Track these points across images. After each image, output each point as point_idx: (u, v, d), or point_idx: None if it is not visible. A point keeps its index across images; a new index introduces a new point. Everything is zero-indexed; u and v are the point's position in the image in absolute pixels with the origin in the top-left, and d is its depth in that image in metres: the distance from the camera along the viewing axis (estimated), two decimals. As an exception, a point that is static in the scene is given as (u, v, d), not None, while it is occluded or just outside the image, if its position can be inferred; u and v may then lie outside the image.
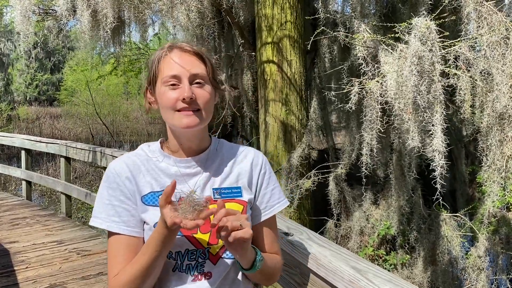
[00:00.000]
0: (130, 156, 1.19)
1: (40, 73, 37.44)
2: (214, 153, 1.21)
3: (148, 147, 1.22)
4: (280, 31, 4.12)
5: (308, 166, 4.29)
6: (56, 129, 22.67)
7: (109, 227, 1.11)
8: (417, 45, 2.28)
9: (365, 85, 2.62)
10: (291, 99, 4.15)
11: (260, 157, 1.26)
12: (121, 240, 1.11)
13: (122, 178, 1.14)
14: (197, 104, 1.10)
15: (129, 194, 1.13)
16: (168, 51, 1.13)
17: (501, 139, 2.43)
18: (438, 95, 2.36)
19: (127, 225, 1.12)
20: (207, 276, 1.12)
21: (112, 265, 1.11)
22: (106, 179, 1.15)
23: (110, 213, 1.12)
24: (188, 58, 1.12)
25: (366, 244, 4.20)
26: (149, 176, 1.15)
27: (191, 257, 1.12)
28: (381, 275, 1.19)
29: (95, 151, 5.15)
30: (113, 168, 1.16)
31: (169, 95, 1.09)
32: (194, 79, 1.10)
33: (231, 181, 1.19)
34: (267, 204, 1.25)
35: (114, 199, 1.13)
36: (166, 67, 1.11)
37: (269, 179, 1.26)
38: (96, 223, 1.12)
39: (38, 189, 10.82)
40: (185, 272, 1.11)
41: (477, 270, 3.62)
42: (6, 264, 4.04)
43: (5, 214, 5.89)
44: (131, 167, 1.15)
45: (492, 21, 2.43)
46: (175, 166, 1.16)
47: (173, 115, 1.10)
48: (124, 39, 5.03)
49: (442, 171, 2.44)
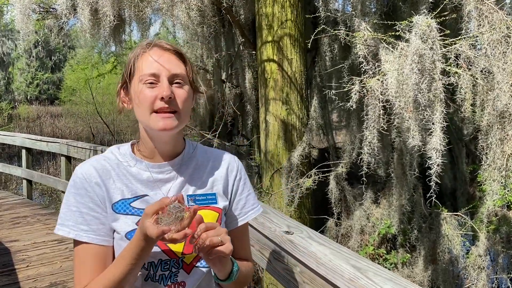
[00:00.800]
0: (99, 160, 1.11)
1: (41, 72, 37.45)
2: (189, 158, 1.16)
3: (118, 150, 1.15)
4: (280, 30, 4.11)
5: (308, 165, 4.29)
6: (56, 128, 22.69)
7: (77, 236, 1.04)
8: (418, 43, 2.28)
9: (366, 83, 2.61)
10: (291, 98, 4.15)
11: (235, 163, 1.22)
12: (89, 250, 1.05)
13: (91, 183, 1.06)
14: (175, 104, 1.04)
15: (98, 201, 1.06)
16: (147, 48, 1.07)
17: (501, 137, 2.42)
18: (438, 93, 2.36)
19: (97, 234, 1.05)
20: (180, 286, 1.09)
21: (79, 275, 1.05)
22: (73, 184, 1.07)
23: (78, 221, 1.05)
24: (168, 56, 1.06)
25: (367, 243, 4.20)
26: (120, 182, 1.08)
27: (164, 267, 1.08)
28: (382, 273, 1.19)
29: (96, 150, 5.15)
30: (80, 173, 1.08)
31: (146, 94, 1.03)
32: (174, 79, 1.05)
33: (206, 188, 1.15)
34: (242, 211, 1.21)
35: (83, 206, 1.05)
36: (145, 65, 1.05)
37: (244, 185, 1.22)
38: (64, 232, 1.05)
39: (39, 188, 10.82)
40: (158, 282, 1.07)
41: (477, 269, 3.62)
42: (7, 262, 4.04)
43: (5, 213, 5.90)
44: (100, 172, 1.08)
45: (493, 19, 2.43)
46: (148, 171, 1.10)
47: (149, 117, 1.04)
48: (124, 37, 5.02)
49: (438, 170, 2.44)
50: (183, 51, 1.11)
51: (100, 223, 1.06)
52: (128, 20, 4.67)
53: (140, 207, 1.08)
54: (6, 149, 16.84)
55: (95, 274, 1.03)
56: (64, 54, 38.47)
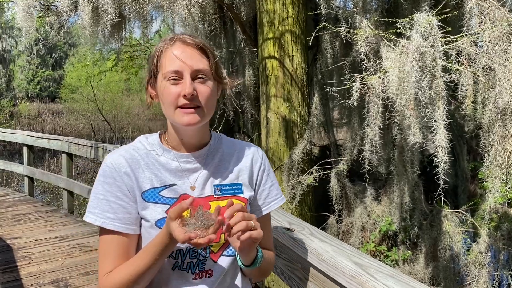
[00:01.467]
0: (128, 150, 1.13)
1: (42, 69, 37.45)
2: (214, 149, 1.18)
3: (146, 139, 1.17)
4: (281, 27, 4.11)
5: (309, 162, 4.29)
6: (58, 126, 22.71)
7: (103, 224, 1.06)
8: (419, 41, 2.27)
9: (366, 80, 2.61)
10: (292, 95, 4.15)
11: (260, 154, 1.25)
12: (114, 238, 1.07)
13: (120, 173, 1.09)
14: (198, 100, 1.06)
15: (126, 190, 1.08)
16: (169, 43, 1.08)
17: (503, 135, 2.42)
18: (440, 90, 2.35)
19: (123, 222, 1.07)
20: (208, 274, 1.11)
21: (103, 262, 1.07)
22: (102, 173, 1.10)
23: (105, 209, 1.07)
24: (190, 52, 1.07)
25: (368, 240, 4.21)
26: (149, 172, 1.11)
27: (192, 255, 1.10)
28: (383, 270, 1.19)
29: (97, 147, 5.16)
30: (110, 162, 1.10)
31: (170, 91, 1.05)
32: (197, 74, 1.07)
33: (231, 178, 1.17)
34: (265, 201, 1.23)
35: (110, 194, 1.08)
36: (168, 62, 1.06)
37: (268, 176, 1.24)
38: (90, 219, 1.08)
39: (40, 185, 10.85)
40: (185, 270, 1.09)
41: (478, 266, 3.62)
42: (9, 259, 4.06)
43: (7, 210, 5.92)
44: (130, 162, 1.10)
45: (494, 16, 2.42)
46: (176, 161, 1.13)
47: (173, 112, 1.06)
48: (125, 35, 5.02)
49: (445, 167, 2.44)
50: (206, 45, 1.11)
51: (126, 212, 1.08)
52: (129, 17, 4.66)
53: (169, 196, 1.10)
54: (7, 147, 16.87)
55: (119, 262, 1.06)
56: (65, 52, 38.45)
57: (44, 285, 3.51)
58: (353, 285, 1.20)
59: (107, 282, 1.05)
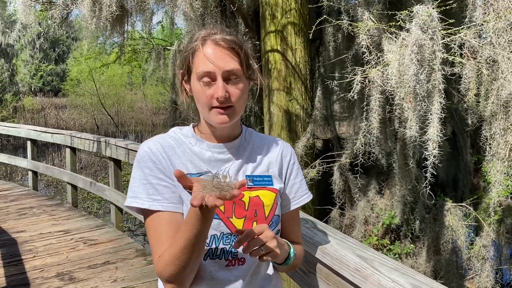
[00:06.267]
0: (163, 137, 1.17)
1: (45, 63, 37.48)
2: (246, 141, 1.21)
3: (180, 130, 1.21)
4: (284, 19, 4.08)
5: (313, 155, 4.28)
6: (61, 120, 22.78)
7: (152, 206, 1.07)
8: (418, 34, 2.25)
9: (368, 73, 2.60)
10: (295, 88, 4.13)
11: (289, 148, 1.27)
12: (163, 218, 1.08)
13: (159, 156, 1.11)
14: (231, 101, 1.09)
15: (166, 172, 1.10)
16: (201, 44, 1.10)
17: (505, 127, 2.40)
18: (437, 84, 2.34)
19: (170, 202, 1.09)
20: (240, 262, 1.13)
21: (156, 245, 1.07)
22: (140, 158, 1.11)
23: (150, 192, 1.08)
24: (221, 53, 1.08)
25: (371, 234, 4.21)
26: (185, 159, 1.13)
27: (226, 241, 1.11)
28: (387, 263, 1.19)
29: (100, 141, 5.17)
30: (147, 147, 1.12)
31: (203, 92, 1.08)
32: (228, 75, 1.08)
33: (262, 169, 1.19)
34: (296, 195, 1.25)
35: (152, 177, 1.09)
36: (200, 63, 1.08)
37: (298, 170, 1.27)
38: (137, 203, 1.07)
39: (44, 179, 10.90)
40: (218, 257, 1.11)
41: (481, 260, 3.62)
42: (14, 253, 4.09)
43: (12, 204, 5.96)
44: (166, 148, 1.13)
45: (498, 7, 2.39)
46: (209, 151, 1.16)
47: (208, 111, 1.10)
48: (127, 28, 5.00)
49: (434, 160, 2.44)
50: (238, 43, 1.11)
51: (171, 192, 1.10)
52: (131, 11, 4.64)
53: None
54: (11, 141, 16.94)
55: (171, 241, 1.04)
56: (67, 46, 38.43)
57: (48, 278, 3.54)
58: (357, 279, 1.20)
59: (160, 263, 1.04)
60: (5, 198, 6.27)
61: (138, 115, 23.83)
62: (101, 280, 3.51)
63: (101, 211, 8.46)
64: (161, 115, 23.52)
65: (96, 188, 5.40)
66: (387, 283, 1.10)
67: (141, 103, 24.92)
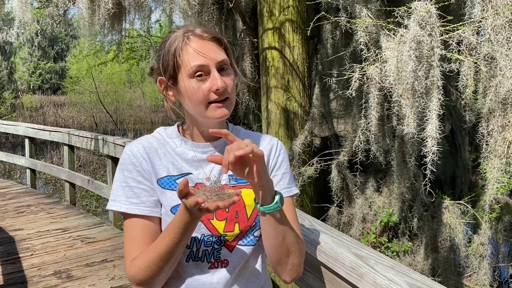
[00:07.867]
0: (147, 138, 1.17)
1: (43, 61, 37.38)
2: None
3: (164, 130, 1.20)
4: (282, 16, 4.07)
5: (310, 153, 4.28)
6: (59, 118, 22.73)
7: (129, 209, 1.07)
8: (416, 30, 2.24)
9: (366, 70, 2.59)
10: (293, 86, 4.12)
11: (275, 141, 1.24)
12: (139, 223, 1.08)
13: (139, 159, 1.11)
14: (227, 92, 1.08)
15: (146, 174, 1.10)
16: (185, 41, 1.07)
17: (503, 124, 2.40)
18: (435, 80, 2.33)
19: (147, 206, 1.08)
20: (223, 264, 1.11)
21: (129, 248, 1.07)
22: (122, 161, 1.12)
23: (128, 195, 1.09)
24: (209, 45, 1.07)
25: (368, 231, 4.21)
26: (166, 160, 1.13)
27: (207, 243, 1.10)
28: (383, 261, 1.18)
29: (97, 139, 5.16)
30: (128, 150, 1.13)
31: (199, 88, 1.05)
32: (220, 66, 1.07)
33: None
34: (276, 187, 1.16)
35: (132, 180, 1.10)
36: (190, 59, 1.05)
37: (282, 163, 1.22)
38: (115, 207, 1.09)
39: (43, 177, 10.89)
40: (200, 260, 1.10)
41: (479, 258, 3.62)
42: (11, 251, 4.08)
43: (9, 202, 5.95)
44: (147, 149, 1.13)
45: (497, 3, 2.38)
46: (192, 151, 1.14)
47: (204, 108, 1.07)
48: (125, 26, 4.99)
49: (433, 157, 2.43)
50: (219, 35, 1.11)
51: (149, 195, 1.10)
52: (129, 8, 4.63)
53: None
54: (9, 139, 16.92)
55: (144, 247, 1.06)
56: (66, 44, 38.34)
57: (46, 276, 3.53)
58: (352, 277, 1.19)
59: (133, 267, 1.05)
60: (3, 196, 6.25)
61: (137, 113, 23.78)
62: (98, 278, 3.50)
63: (99, 209, 8.46)
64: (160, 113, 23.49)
65: (94, 186, 5.39)
66: (383, 281, 1.10)
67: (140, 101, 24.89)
